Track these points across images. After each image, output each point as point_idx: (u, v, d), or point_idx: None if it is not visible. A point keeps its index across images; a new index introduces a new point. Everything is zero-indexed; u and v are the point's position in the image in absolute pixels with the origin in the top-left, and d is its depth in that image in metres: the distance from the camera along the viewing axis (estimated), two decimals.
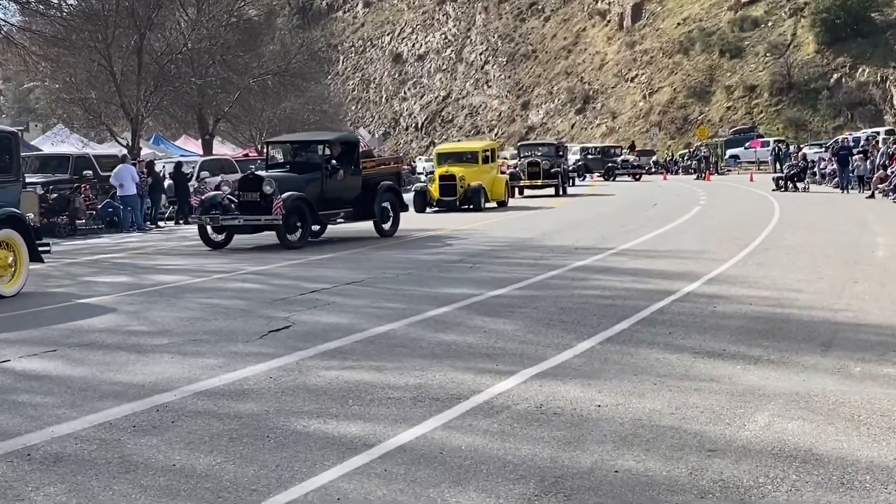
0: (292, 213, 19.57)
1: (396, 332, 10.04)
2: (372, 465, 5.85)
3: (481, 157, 33.54)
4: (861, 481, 5.38)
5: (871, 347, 8.77)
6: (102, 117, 48.08)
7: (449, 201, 31.32)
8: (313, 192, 20.48)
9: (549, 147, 44.22)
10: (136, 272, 16.84)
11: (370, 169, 23.01)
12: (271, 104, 57.01)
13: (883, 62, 71.34)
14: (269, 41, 62.25)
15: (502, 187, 33.94)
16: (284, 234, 19.48)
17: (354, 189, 21.78)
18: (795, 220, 23.63)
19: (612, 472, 5.62)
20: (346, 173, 21.48)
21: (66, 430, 6.73)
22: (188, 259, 18.93)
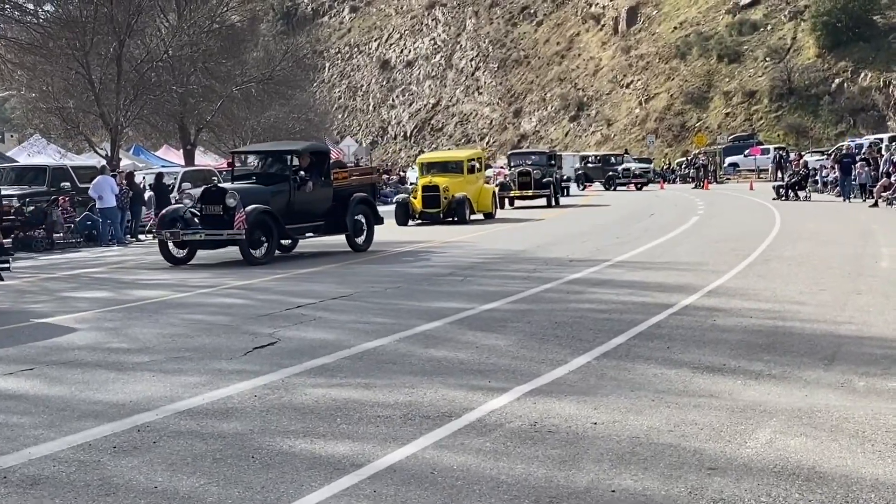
0: (256, 227, 19.17)
1: (385, 348, 10.03)
2: (360, 486, 5.84)
3: (466, 166, 32.83)
4: (866, 500, 5.39)
5: (876, 361, 8.79)
6: (80, 127, 48.00)
7: (432, 213, 30.63)
8: (280, 205, 20.13)
9: (541, 156, 43.59)
10: (117, 287, 16.80)
11: (342, 180, 22.54)
12: (255, 113, 57.03)
13: (886, 66, 71.66)
14: (253, 48, 62.40)
15: (489, 198, 33.26)
16: (248, 250, 19.09)
17: (325, 201, 21.37)
18: (797, 230, 23.67)
19: (608, 492, 5.63)
20: (315, 185, 21.00)
21: (44, 452, 6.71)
22: (170, 273, 18.89)
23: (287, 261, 20.30)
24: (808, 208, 32.91)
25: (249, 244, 19.01)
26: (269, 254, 19.69)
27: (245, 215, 18.64)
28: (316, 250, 22.19)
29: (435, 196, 30.55)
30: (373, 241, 22.33)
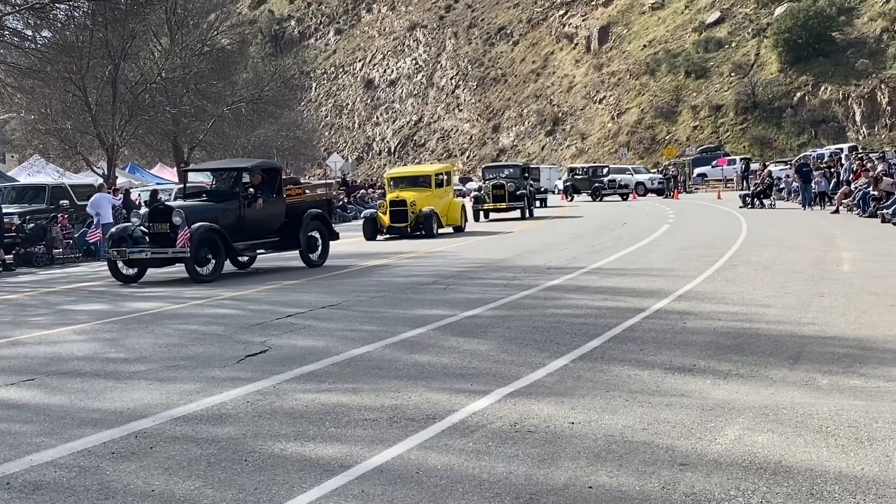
0: (203, 244, 18.52)
1: (372, 355, 10.02)
2: (349, 486, 5.84)
3: (434, 180, 31.53)
4: (830, 492, 5.42)
5: (838, 360, 8.82)
6: (78, 147, 47.89)
7: (400, 228, 29.42)
8: (229, 222, 19.40)
9: (515, 169, 42.39)
10: (114, 300, 16.75)
11: (295, 196, 21.84)
12: (245, 131, 57.01)
13: (844, 80, 72.16)
14: (242, 69, 62.26)
15: (458, 212, 31.97)
16: (194, 268, 18.44)
17: (278, 218, 20.61)
18: (762, 236, 23.76)
19: (585, 489, 5.64)
20: (265, 201, 20.19)
21: (46, 458, 6.69)
22: (165, 286, 18.82)
23: (291, 271, 20.22)
24: (772, 216, 33.02)
25: (196, 262, 18.41)
26: (217, 271, 18.96)
27: (189, 233, 18.09)
28: (280, 265, 21.75)
29: (402, 211, 29.45)
30: (328, 256, 21.55)
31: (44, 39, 37.48)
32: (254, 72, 64.15)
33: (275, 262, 21.95)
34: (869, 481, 5.55)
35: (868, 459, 5.94)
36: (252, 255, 21.15)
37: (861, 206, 29.96)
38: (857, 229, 24.95)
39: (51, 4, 34.56)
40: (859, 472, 5.72)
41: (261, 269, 21.15)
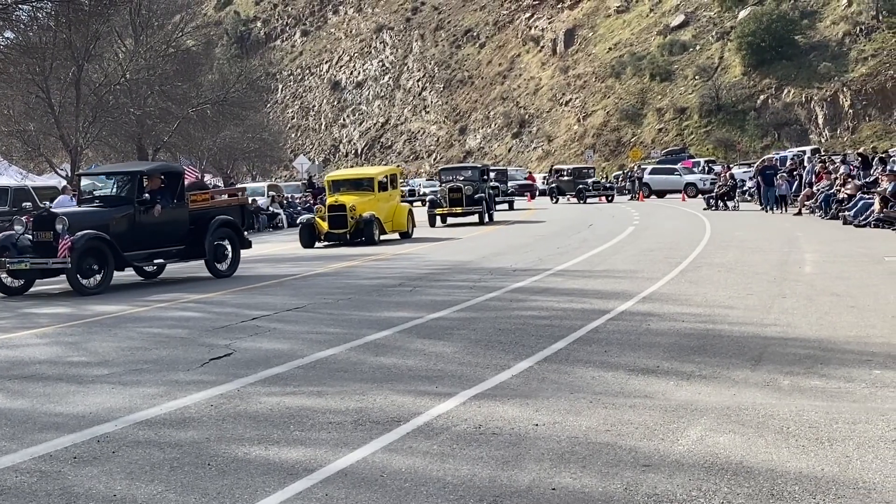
0: (88, 254, 17.33)
1: (337, 357, 10.01)
2: (313, 490, 5.83)
3: (377, 184, 29.56)
4: (790, 492, 5.46)
5: (800, 361, 8.90)
6: (41, 149, 47.62)
7: (339, 234, 27.57)
8: (121, 230, 18.12)
9: (474, 171, 39.69)
10: (76, 303, 16.60)
11: (200, 202, 20.27)
12: (210, 133, 56.80)
13: (807, 83, 72.84)
14: (208, 70, 62.15)
15: (404, 217, 30.16)
16: (76, 279, 17.16)
17: (180, 225, 19.20)
18: (726, 238, 23.89)
19: (549, 490, 5.65)
20: (164, 208, 18.74)
21: (7, 463, 6.63)
22: (128, 288, 18.69)
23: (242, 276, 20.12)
24: (736, 218, 33.24)
25: (80, 272, 17.20)
26: (105, 283, 17.73)
27: (70, 242, 16.86)
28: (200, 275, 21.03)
29: (342, 216, 27.56)
30: (238, 266, 20.26)
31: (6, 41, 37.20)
32: (219, 73, 63.96)
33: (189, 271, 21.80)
34: (829, 481, 5.60)
35: (828, 460, 6.00)
36: (152, 264, 19.95)
37: (823, 208, 30.22)
38: (820, 231, 25.17)
39: (13, 5, 34.25)
40: (819, 472, 5.77)
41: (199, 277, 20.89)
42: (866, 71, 70.82)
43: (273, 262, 23.32)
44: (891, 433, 6.49)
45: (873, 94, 69.74)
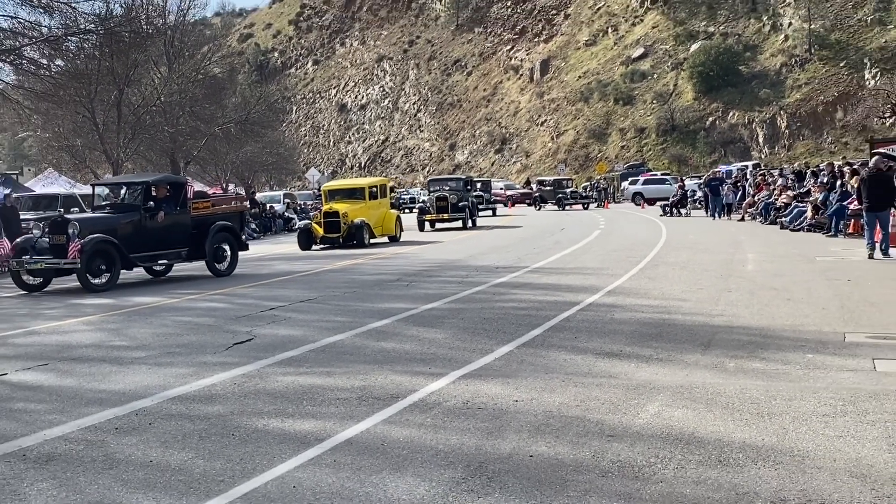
0: (96, 255, 17.06)
1: (344, 342, 10.00)
2: (323, 456, 5.82)
3: (368, 193, 28.92)
4: (735, 459, 5.47)
5: (743, 346, 8.92)
6: (87, 162, 47.51)
7: (332, 238, 26.93)
8: (128, 233, 17.85)
9: (458, 182, 39.27)
10: (118, 295, 16.57)
11: (202, 209, 19.75)
12: (234, 148, 56.61)
13: (749, 107, 73.09)
14: (232, 94, 61.89)
15: (393, 222, 29.37)
16: (85, 277, 16.87)
17: (183, 229, 18.87)
18: (679, 240, 23.91)
19: (527, 457, 5.66)
20: (168, 214, 18.48)
21: (57, 433, 6.62)
22: (163, 282, 18.66)
23: (258, 273, 20.08)
24: (688, 223, 33.29)
25: (89, 272, 16.92)
26: (112, 281, 17.36)
27: (80, 245, 16.69)
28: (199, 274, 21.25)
29: (335, 222, 27.00)
30: (237, 266, 19.89)
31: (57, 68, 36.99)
32: (241, 96, 63.72)
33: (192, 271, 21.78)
34: (768, 449, 5.62)
35: (768, 431, 6.01)
36: (158, 264, 19.53)
37: (763, 215, 30.29)
38: (760, 235, 25.23)
39: (64, 37, 34.13)
40: (760, 441, 5.79)
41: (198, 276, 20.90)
42: (800, 97, 71.05)
43: (288, 260, 23.29)
44: (822, 408, 6.51)
45: (806, 117, 69.96)
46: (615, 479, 5.21)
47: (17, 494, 5.36)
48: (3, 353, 10.39)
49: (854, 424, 6.08)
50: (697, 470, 5.30)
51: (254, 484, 5.34)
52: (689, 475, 5.22)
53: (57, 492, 5.37)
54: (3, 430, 6.79)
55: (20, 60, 33.70)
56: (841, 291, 12.58)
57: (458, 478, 5.32)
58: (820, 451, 5.54)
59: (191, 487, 5.34)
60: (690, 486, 5.05)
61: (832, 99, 69.18)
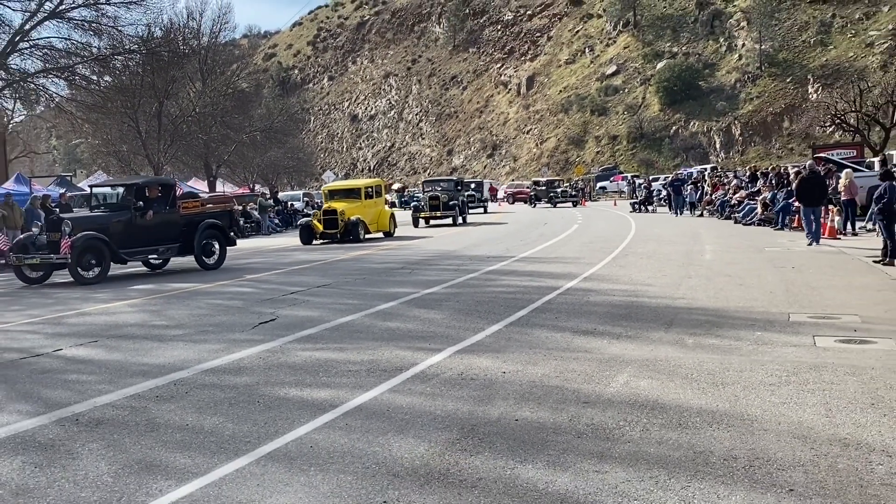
0: (87, 251, 16.38)
1: (355, 322, 10.01)
2: (336, 420, 5.85)
3: (363, 192, 27.74)
4: (693, 422, 5.50)
5: (701, 325, 8.93)
6: (132, 165, 47.36)
7: (331, 234, 26.02)
8: (119, 231, 17.09)
9: (449, 182, 37.65)
10: (159, 280, 16.57)
11: (191, 209, 18.91)
12: (259, 153, 56.45)
13: (708, 117, 73.02)
14: (257, 106, 61.68)
15: (387, 219, 28.17)
16: (76, 271, 16.22)
17: (174, 227, 18.08)
18: (646, 234, 23.91)
19: (513, 421, 5.68)
20: (157, 213, 17.66)
21: (105, 401, 6.64)
22: (198, 271, 18.65)
23: (281, 262, 20.04)
24: (654, 219, 33.25)
25: (80, 266, 16.27)
26: (102, 275, 16.67)
27: (70, 242, 16.01)
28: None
29: (333, 219, 26.08)
30: (225, 260, 19.07)
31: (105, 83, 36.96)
32: (266, 108, 63.54)
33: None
34: (722, 414, 5.65)
35: (722, 398, 6.04)
36: (151, 259, 18.68)
37: (720, 211, 30.27)
38: (716, 229, 25.23)
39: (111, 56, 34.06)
40: (715, 407, 5.81)
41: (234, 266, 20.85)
42: (752, 108, 70.91)
43: (307, 251, 23.27)
44: (768, 379, 6.53)
45: (757, 126, 69.83)
46: (589, 440, 5.24)
47: (71, 453, 5.38)
48: (58, 331, 10.41)
49: (796, 393, 6.11)
50: (660, 432, 5.32)
51: (277, 444, 5.37)
52: (653, 436, 5.25)
53: (105, 451, 5.39)
54: (59, 398, 6.81)
55: (73, 77, 33.70)
56: (786, 277, 12.61)
57: (453, 439, 5.34)
58: (767, 416, 5.57)
59: (222, 447, 5.37)
60: (654, 446, 5.07)
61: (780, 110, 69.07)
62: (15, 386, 7.35)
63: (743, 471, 4.63)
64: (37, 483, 4.89)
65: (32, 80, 33.34)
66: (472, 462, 4.92)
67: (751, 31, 75.30)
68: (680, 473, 4.62)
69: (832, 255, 15.75)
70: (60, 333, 10.19)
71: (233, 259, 20.55)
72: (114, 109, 38.75)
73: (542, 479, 4.63)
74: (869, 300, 10.23)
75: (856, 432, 5.19)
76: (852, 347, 7.60)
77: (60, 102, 36.04)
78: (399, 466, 4.90)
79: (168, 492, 4.65)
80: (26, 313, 12.27)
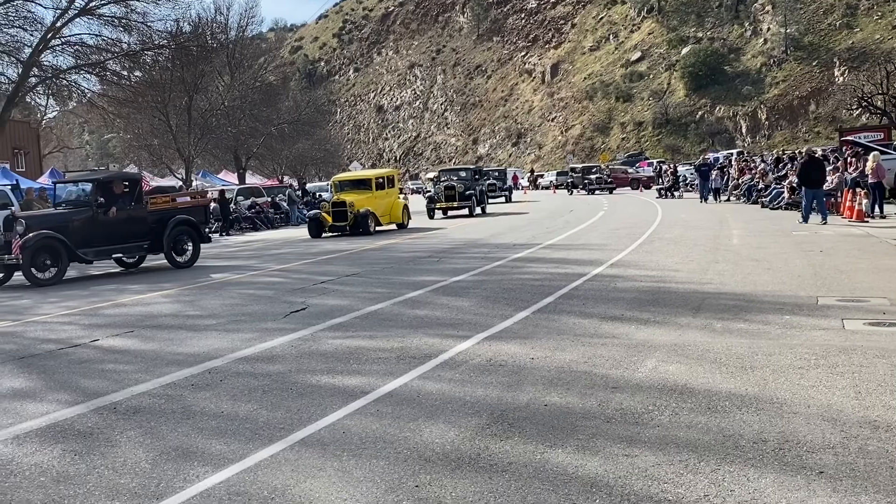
0: (41, 251, 15.43)
1: (384, 310, 10.03)
2: (367, 407, 5.87)
3: (374, 183, 26.48)
4: (722, 406, 5.46)
5: (729, 310, 8.86)
6: (163, 158, 47.85)
7: (340, 226, 24.95)
8: (80, 229, 16.08)
9: (467, 171, 35.47)
10: (191, 272, 16.70)
11: (160, 205, 17.91)
12: (287, 145, 56.71)
13: (734, 102, 72.28)
14: (285, 99, 61.92)
15: (400, 210, 26.96)
16: (29, 272, 15.27)
17: (140, 224, 17.10)
18: (673, 219, 23.73)
19: (542, 406, 5.67)
20: (120, 209, 16.65)
21: (142, 389, 6.72)
22: (228, 261, 18.81)
23: (323, 250, 20.13)
24: (680, 204, 33.02)
25: (34, 266, 15.34)
26: (59, 275, 15.70)
27: (21, 241, 15.11)
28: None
29: (343, 211, 24.94)
30: (198, 258, 18.26)
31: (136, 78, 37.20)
32: (293, 101, 63.74)
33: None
34: (751, 398, 5.60)
35: (750, 382, 5.99)
36: (125, 257, 17.97)
37: (746, 196, 30.00)
38: (743, 213, 25.00)
39: (141, 51, 34.30)
40: (744, 391, 5.77)
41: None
42: (778, 92, 70.11)
43: (333, 241, 23.34)
44: (798, 362, 6.47)
45: (783, 110, 69.04)
46: (618, 424, 5.22)
47: (110, 441, 5.46)
48: (95, 322, 10.55)
49: (826, 376, 6.05)
50: (689, 416, 5.29)
51: (309, 430, 5.40)
52: (682, 420, 5.22)
53: (143, 439, 5.46)
54: (97, 388, 6.90)
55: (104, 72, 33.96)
56: (814, 261, 12.47)
57: (483, 424, 5.35)
58: (796, 399, 5.52)
59: (256, 434, 5.41)
60: (683, 430, 5.05)
61: (806, 94, 68.21)
62: (54, 376, 7.46)
63: (773, 454, 4.60)
64: (77, 470, 4.97)
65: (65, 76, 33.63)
66: (502, 447, 4.92)
67: (776, 14, 74.35)
68: (710, 457, 4.59)
69: (860, 238, 15.55)
70: (97, 324, 10.31)
71: (262, 249, 20.69)
72: (144, 104, 39.06)
73: (571, 463, 4.62)
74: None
75: (886, 414, 5.13)
76: (881, 330, 7.50)
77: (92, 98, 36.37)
78: (430, 451, 4.91)
79: (205, 477, 4.70)
80: (63, 305, 12.44)
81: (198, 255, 18.24)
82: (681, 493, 4.16)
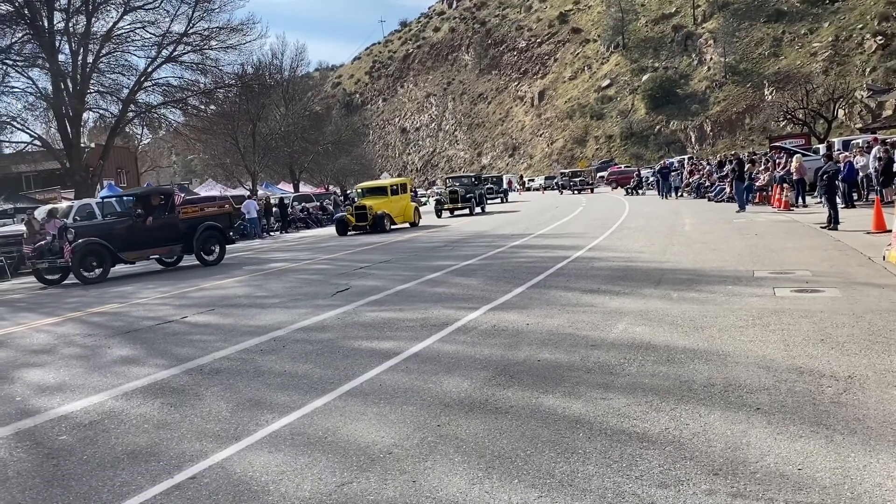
0: (88, 254, 14.99)
1: (410, 289, 10.05)
2: (398, 365, 5.90)
3: (390, 190, 25.92)
4: (679, 358, 5.45)
5: (683, 282, 8.82)
6: (234, 174, 47.92)
7: (361, 226, 24.48)
8: (122, 235, 15.60)
9: (468, 178, 35.20)
10: (259, 261, 16.78)
11: (191, 214, 17.25)
12: (331, 161, 56.65)
13: (684, 117, 71.59)
14: (328, 124, 61.88)
15: (412, 212, 26.29)
16: (78, 272, 14.82)
17: (175, 230, 16.58)
18: (638, 212, 23.61)
19: (536, 361, 5.68)
20: (156, 218, 16.18)
21: (222, 355, 6.77)
22: (287, 253, 18.86)
23: (361, 242, 20.14)
24: (644, 201, 32.80)
25: (82, 267, 14.88)
26: (104, 275, 15.19)
27: (71, 247, 14.72)
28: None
29: (364, 213, 24.45)
30: (224, 257, 17.62)
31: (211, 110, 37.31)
32: (335, 125, 63.73)
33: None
34: (702, 351, 5.59)
35: (701, 339, 5.97)
36: (165, 258, 17.43)
37: (696, 193, 29.75)
38: (694, 206, 24.79)
39: (214, 90, 34.39)
40: (696, 346, 5.75)
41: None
42: (719, 109, 69.33)
43: (369, 235, 23.35)
44: (738, 322, 6.44)
45: (724, 123, 68.28)
46: (596, 374, 5.23)
47: (198, 395, 5.51)
48: (184, 302, 10.62)
49: (760, 332, 6.02)
50: (653, 367, 5.29)
51: (354, 384, 5.44)
52: (647, 370, 5.22)
53: (223, 393, 5.51)
54: (186, 354, 6.96)
55: (186, 107, 34.09)
56: (750, 243, 12.37)
57: (490, 376, 5.36)
58: (737, 352, 5.51)
59: (312, 387, 5.45)
60: (648, 378, 5.05)
61: (742, 110, 67.45)
62: (153, 346, 7.53)
63: (719, 395, 4.59)
64: (172, 418, 5.02)
65: (155, 110, 33.82)
66: (505, 394, 4.94)
67: (717, 47, 73.57)
68: (669, 398, 4.59)
69: (787, 224, 15.41)
70: (185, 304, 10.39)
71: (312, 243, 20.74)
72: (218, 131, 39.16)
73: (560, 405, 4.63)
74: (817, 258, 10.01)
75: (809, 362, 5.11)
76: (805, 296, 7.45)
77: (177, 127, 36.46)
78: (448, 398, 4.94)
79: (273, 422, 4.74)
80: (158, 290, 12.53)
81: (224, 255, 17.61)
82: (647, 426, 4.17)
